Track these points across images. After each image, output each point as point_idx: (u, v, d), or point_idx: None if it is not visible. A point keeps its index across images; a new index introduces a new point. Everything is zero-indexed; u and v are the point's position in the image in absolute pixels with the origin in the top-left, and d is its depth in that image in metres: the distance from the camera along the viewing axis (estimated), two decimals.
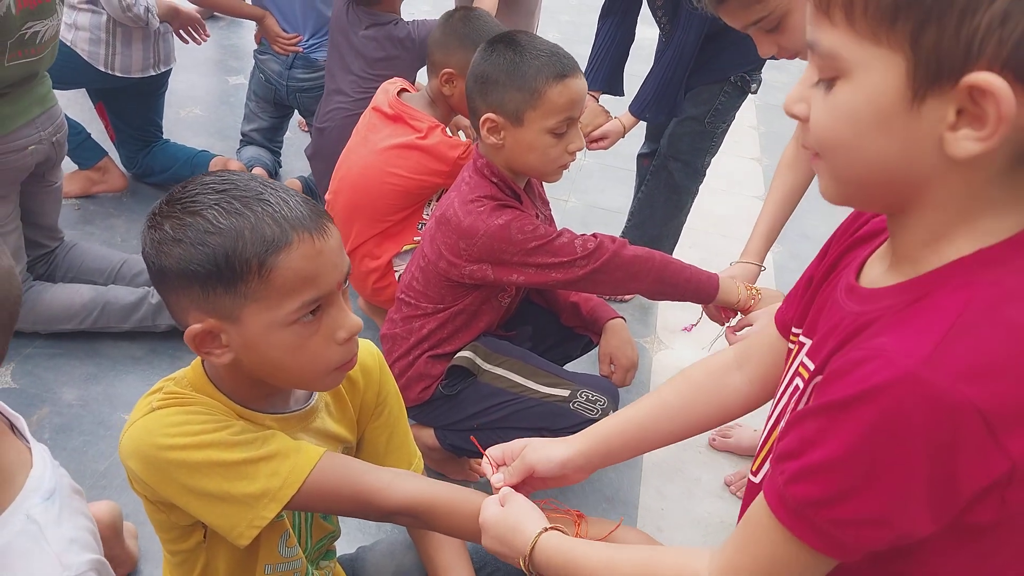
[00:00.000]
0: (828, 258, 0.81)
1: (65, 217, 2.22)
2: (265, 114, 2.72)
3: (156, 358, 1.97)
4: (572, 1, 5.21)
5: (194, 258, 0.81)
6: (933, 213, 0.61)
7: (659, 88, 2.06)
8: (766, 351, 0.93)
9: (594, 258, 1.46)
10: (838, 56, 0.58)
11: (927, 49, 0.54)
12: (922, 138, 0.57)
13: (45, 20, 1.72)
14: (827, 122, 0.61)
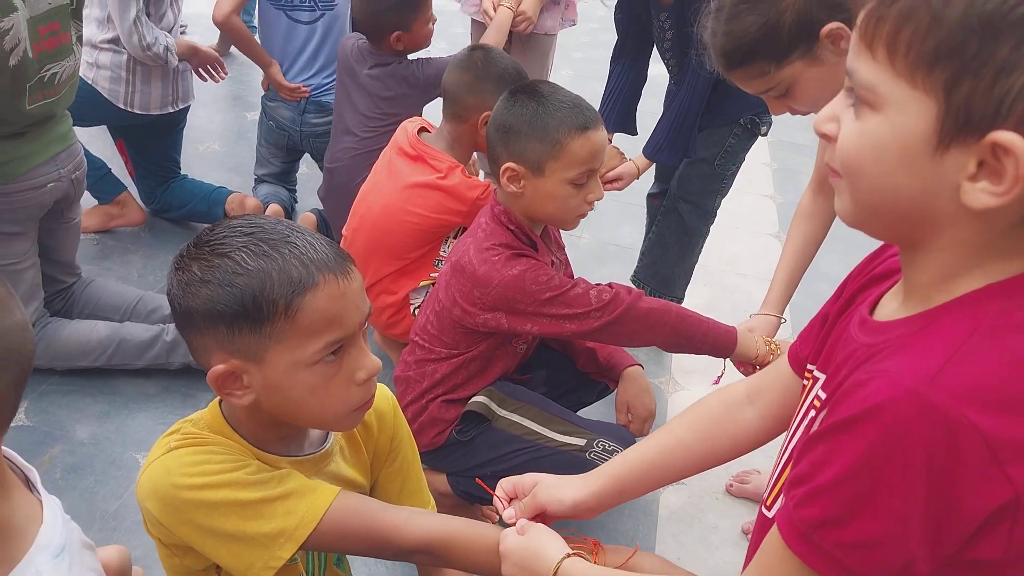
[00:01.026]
0: (844, 296, 0.82)
1: (83, 251, 2.24)
2: (276, 159, 2.74)
3: (169, 396, 1.97)
4: (584, 39, 5.26)
5: (222, 298, 0.83)
6: (944, 254, 0.62)
7: (672, 131, 2.07)
8: (779, 386, 0.93)
9: (609, 310, 1.45)
10: (874, 89, 0.60)
11: (959, 100, 0.55)
12: (941, 182, 0.58)
13: (62, 62, 1.75)
14: (853, 147, 0.62)
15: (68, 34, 1.76)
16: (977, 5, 0.54)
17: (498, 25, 2.59)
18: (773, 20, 1.21)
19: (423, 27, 2.27)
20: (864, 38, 0.60)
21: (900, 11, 0.57)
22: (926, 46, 0.56)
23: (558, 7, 2.78)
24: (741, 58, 1.26)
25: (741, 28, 1.23)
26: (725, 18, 1.26)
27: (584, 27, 3.40)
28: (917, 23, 0.56)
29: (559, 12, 2.79)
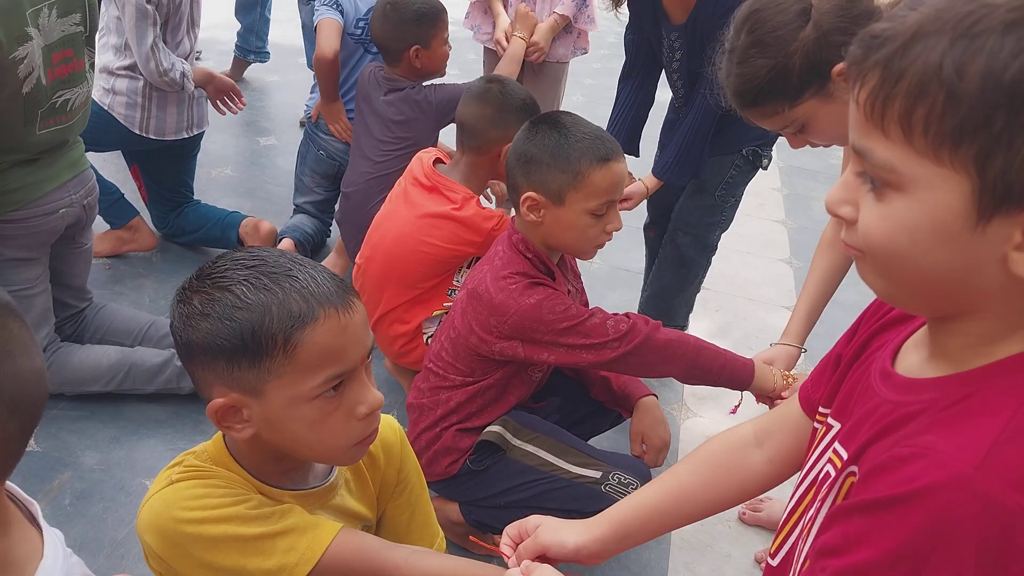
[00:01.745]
0: (858, 338, 0.79)
1: (95, 276, 2.24)
2: (320, 188, 2.72)
3: (179, 421, 1.96)
4: (596, 65, 5.29)
5: (221, 332, 0.82)
6: (986, 322, 0.59)
7: (681, 151, 2.06)
8: (788, 429, 0.91)
9: (626, 341, 1.44)
10: (895, 170, 0.56)
11: (994, 174, 0.52)
12: (985, 255, 0.55)
13: (75, 88, 1.76)
14: (883, 232, 0.58)
15: (82, 61, 1.78)
16: (994, 76, 0.50)
17: (512, 55, 2.61)
18: (782, 63, 1.22)
19: (440, 46, 2.29)
20: (872, 118, 0.56)
21: (909, 89, 0.53)
22: (946, 124, 0.52)
23: (570, 36, 2.80)
24: (753, 99, 1.27)
25: (752, 71, 1.25)
26: (737, 60, 1.27)
27: (595, 54, 3.42)
28: (932, 101, 0.52)
29: (571, 41, 2.81)
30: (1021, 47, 0.49)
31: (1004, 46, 0.50)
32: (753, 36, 1.25)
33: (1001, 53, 0.50)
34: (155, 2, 2.20)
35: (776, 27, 1.23)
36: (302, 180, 2.74)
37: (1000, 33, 0.50)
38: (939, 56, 0.52)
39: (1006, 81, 0.50)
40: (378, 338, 2.05)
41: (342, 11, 2.48)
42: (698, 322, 2.70)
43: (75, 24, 1.72)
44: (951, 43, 0.51)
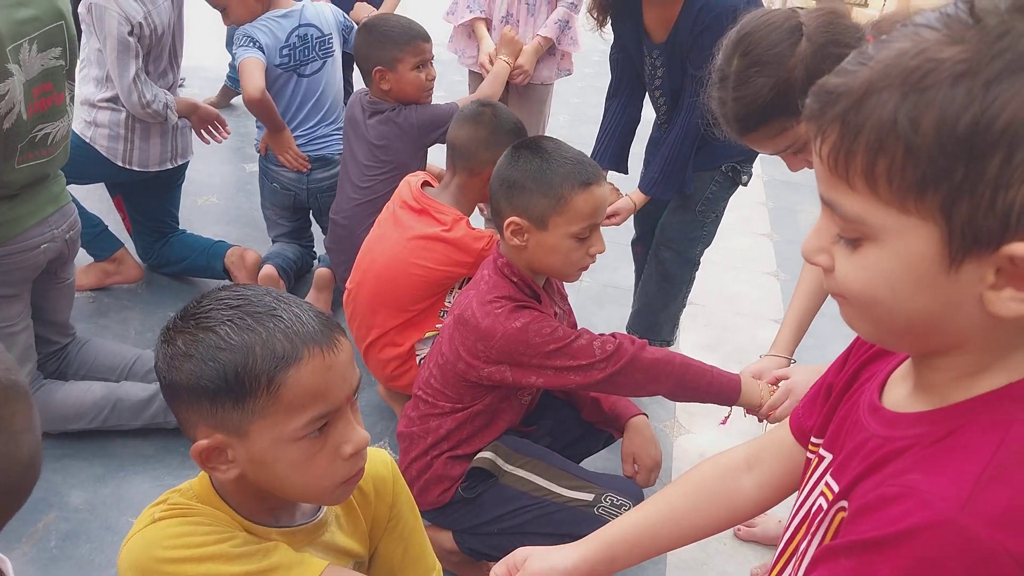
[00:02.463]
0: (848, 368, 0.79)
1: (79, 310, 2.22)
2: (284, 220, 2.70)
3: (167, 456, 1.93)
4: (580, 84, 5.32)
5: (204, 374, 0.82)
6: (967, 356, 0.59)
7: (666, 166, 2.08)
8: (779, 455, 0.91)
9: (613, 361, 1.44)
10: (864, 221, 0.56)
11: (961, 220, 0.52)
12: (962, 295, 0.55)
13: (56, 122, 1.75)
14: (860, 281, 0.59)
15: (62, 94, 1.76)
16: (948, 126, 0.50)
17: (495, 76, 2.62)
18: (784, 78, 1.22)
19: (408, 71, 2.25)
20: (836, 171, 0.57)
21: (869, 143, 0.54)
22: (908, 176, 0.53)
23: (554, 58, 2.81)
24: (758, 120, 1.26)
25: (753, 91, 1.24)
26: (734, 85, 1.26)
27: (580, 72, 3.44)
28: (892, 154, 0.53)
29: (555, 63, 2.83)
30: (970, 98, 0.50)
31: (954, 98, 0.50)
32: (749, 57, 1.25)
33: (952, 105, 0.50)
34: (137, 34, 2.18)
35: (772, 45, 1.23)
36: (266, 215, 2.74)
37: (949, 86, 0.50)
38: (893, 110, 0.52)
39: (960, 132, 0.50)
40: (371, 362, 2.03)
41: (261, 46, 2.46)
42: (687, 337, 2.70)
43: (55, 58, 1.71)
44: (903, 97, 0.52)
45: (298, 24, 2.50)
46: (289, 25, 2.49)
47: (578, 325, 1.78)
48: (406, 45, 2.25)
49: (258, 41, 2.46)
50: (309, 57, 2.53)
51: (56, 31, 1.68)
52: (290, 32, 2.49)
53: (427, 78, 2.30)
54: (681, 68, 1.99)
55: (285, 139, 2.54)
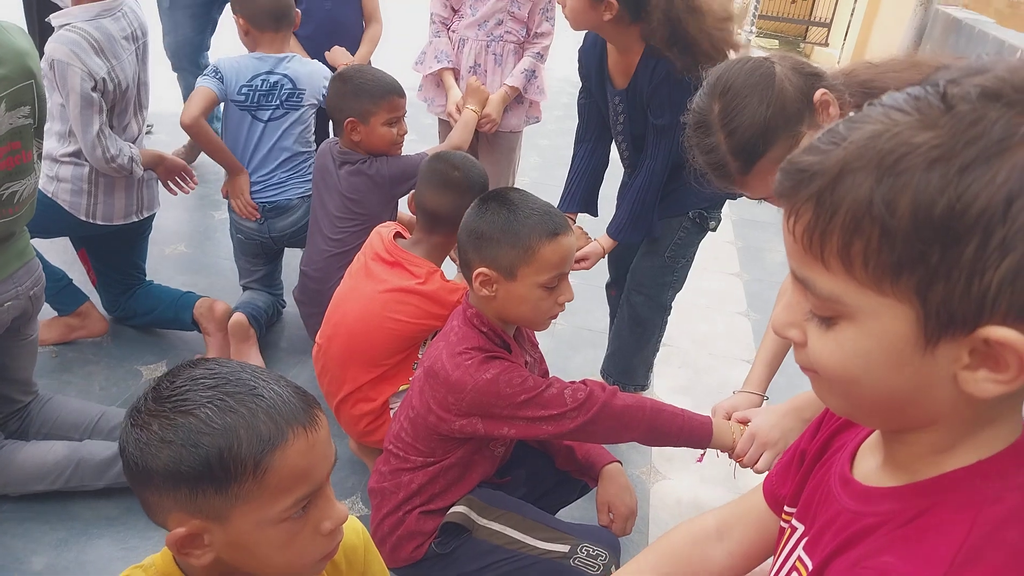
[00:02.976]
0: (821, 435, 0.79)
1: (41, 365, 2.17)
2: (257, 267, 2.67)
3: (132, 517, 1.87)
4: (550, 127, 5.39)
5: (185, 460, 0.78)
6: (938, 434, 0.60)
7: (633, 211, 2.11)
8: (751, 521, 0.91)
9: (584, 410, 1.44)
10: (839, 300, 0.57)
11: (937, 303, 0.53)
12: (936, 375, 0.55)
13: (23, 180, 1.73)
14: (835, 360, 0.59)
15: (30, 153, 1.75)
16: (923, 211, 0.51)
17: (464, 125, 2.64)
18: (776, 94, 1.23)
19: (380, 125, 2.26)
20: (811, 251, 0.57)
21: (844, 224, 0.54)
22: (884, 258, 0.53)
23: (522, 107, 2.85)
24: (764, 143, 1.24)
25: (749, 118, 1.24)
26: (723, 124, 1.26)
27: (550, 115, 3.48)
28: (867, 236, 0.53)
29: (523, 111, 2.86)
30: (945, 183, 0.50)
31: (930, 182, 0.51)
32: (732, 92, 1.25)
33: (927, 189, 0.51)
34: (100, 89, 2.17)
35: (749, 73, 1.25)
36: (239, 264, 2.71)
37: (924, 170, 0.51)
38: (868, 192, 0.53)
39: (936, 216, 0.51)
40: (343, 417, 2.00)
41: (222, 78, 2.46)
42: (661, 380, 2.70)
43: (24, 116, 1.70)
44: (878, 179, 0.52)
45: (270, 70, 2.49)
46: (260, 67, 2.48)
47: (551, 370, 1.78)
48: (381, 100, 2.25)
49: (220, 72, 2.46)
50: (269, 103, 2.50)
51: (25, 90, 1.67)
52: (257, 74, 2.47)
53: (399, 133, 2.31)
54: (642, 114, 2.03)
55: (239, 184, 2.53)
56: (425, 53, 2.87)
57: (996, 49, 4.76)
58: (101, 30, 2.15)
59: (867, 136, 0.54)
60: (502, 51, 2.76)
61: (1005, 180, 0.49)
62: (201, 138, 2.47)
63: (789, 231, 0.58)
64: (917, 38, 5.49)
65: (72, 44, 2.10)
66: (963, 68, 0.54)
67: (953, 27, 5.28)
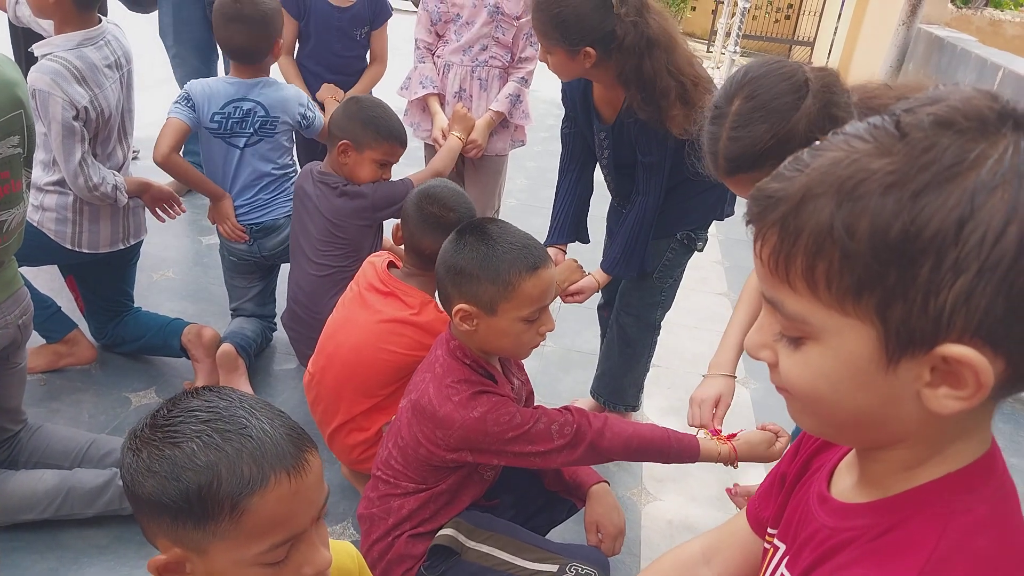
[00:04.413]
0: (800, 457, 0.81)
1: (29, 394, 2.16)
2: (252, 283, 2.66)
3: (122, 546, 1.87)
4: (536, 148, 5.43)
5: (167, 491, 0.81)
6: (908, 450, 0.61)
7: (627, 247, 2.14)
8: (736, 545, 0.93)
9: (571, 447, 1.46)
10: (806, 321, 0.59)
11: (896, 322, 0.54)
12: (900, 393, 0.57)
13: (11, 209, 1.74)
14: (803, 379, 0.61)
15: (19, 182, 1.76)
16: (880, 234, 0.53)
17: (448, 152, 2.67)
18: (787, 129, 1.23)
19: (369, 161, 2.26)
20: (777, 273, 0.59)
21: (807, 247, 0.56)
22: (845, 280, 0.55)
23: (507, 131, 2.88)
24: (751, 164, 1.27)
25: (752, 136, 1.25)
26: (732, 125, 1.28)
27: (535, 137, 3.52)
28: (829, 259, 0.55)
29: (508, 135, 2.89)
30: (900, 207, 0.52)
31: (885, 207, 0.53)
32: (754, 101, 1.26)
33: (883, 213, 0.53)
34: (82, 118, 2.17)
35: (779, 95, 1.25)
36: (230, 286, 2.70)
37: (880, 195, 0.53)
38: (829, 217, 0.55)
39: (892, 239, 0.53)
40: (336, 447, 2.00)
41: (194, 105, 2.47)
42: (650, 400, 2.71)
43: (13, 146, 1.71)
44: (838, 204, 0.55)
45: (243, 97, 2.48)
46: (233, 94, 2.47)
47: (540, 392, 1.80)
48: (383, 140, 2.27)
49: (191, 99, 2.46)
50: (243, 131, 2.50)
51: (15, 119, 1.68)
52: (230, 101, 2.47)
53: (383, 176, 2.32)
54: (628, 148, 2.06)
55: (223, 209, 2.53)
56: (410, 78, 2.91)
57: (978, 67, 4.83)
58: (83, 59, 2.17)
59: (828, 163, 0.56)
60: (487, 76, 2.80)
61: (956, 204, 0.51)
62: (176, 173, 2.46)
63: (757, 255, 0.61)
64: (900, 57, 5.55)
65: (53, 73, 2.11)
66: (920, 98, 0.57)
67: (936, 46, 5.35)
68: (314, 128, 2.63)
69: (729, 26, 9.19)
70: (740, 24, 8.12)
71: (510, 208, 4.23)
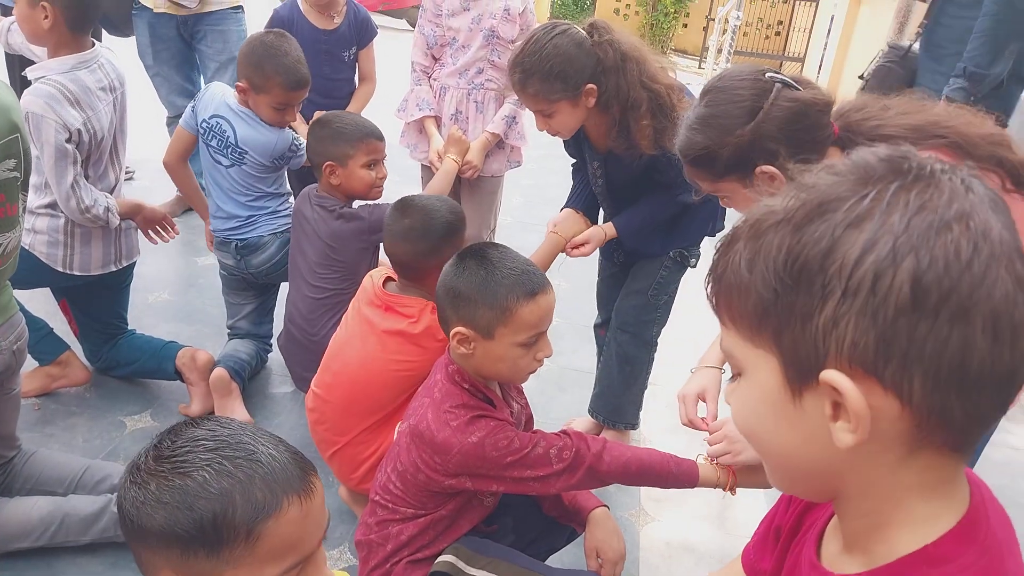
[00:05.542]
0: (792, 511, 0.81)
1: (24, 418, 2.15)
2: (246, 300, 2.66)
3: (117, 573, 1.85)
4: (532, 166, 5.43)
5: (180, 522, 0.80)
6: (861, 500, 0.62)
7: (645, 218, 2.13)
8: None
9: (569, 472, 1.46)
10: (733, 354, 0.63)
11: (788, 351, 0.58)
12: (815, 430, 0.59)
13: (8, 233, 1.73)
14: (739, 414, 0.65)
15: (15, 206, 1.75)
16: (767, 267, 0.57)
17: (444, 174, 2.68)
18: (715, 148, 1.33)
19: (358, 168, 2.28)
20: (716, 311, 0.65)
21: (724, 285, 0.62)
22: (748, 311, 0.60)
23: (503, 152, 2.89)
24: (688, 161, 1.42)
25: (691, 141, 1.37)
26: (686, 124, 1.39)
27: (531, 154, 3.51)
28: (736, 293, 0.60)
29: (504, 156, 2.91)
30: (782, 242, 0.57)
31: (772, 242, 0.57)
32: (704, 111, 1.37)
33: (771, 248, 0.57)
34: (75, 141, 2.17)
35: (722, 114, 1.34)
36: (227, 302, 2.70)
37: (773, 232, 0.58)
38: (739, 256, 0.61)
39: (774, 269, 0.57)
40: (341, 466, 1.99)
41: (195, 106, 2.50)
42: (648, 419, 2.71)
43: (10, 170, 1.70)
44: (745, 244, 0.60)
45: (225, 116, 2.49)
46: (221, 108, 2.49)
47: (537, 412, 1.79)
48: (358, 142, 2.27)
49: (196, 101, 2.54)
50: (221, 149, 2.50)
51: (11, 143, 1.68)
52: (216, 114, 2.49)
53: (378, 176, 2.33)
54: (622, 173, 2.07)
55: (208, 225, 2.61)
56: (407, 101, 2.92)
57: None
58: (76, 82, 2.17)
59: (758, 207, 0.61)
60: (483, 99, 2.81)
61: (822, 236, 0.55)
62: (177, 180, 2.64)
63: (706, 296, 0.66)
64: None
65: (46, 96, 2.11)
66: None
67: None
68: (292, 165, 2.62)
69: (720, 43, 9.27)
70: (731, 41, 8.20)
71: (506, 226, 4.23)
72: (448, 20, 2.76)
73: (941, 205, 0.54)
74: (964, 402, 0.54)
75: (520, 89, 1.92)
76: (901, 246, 0.53)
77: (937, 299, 0.52)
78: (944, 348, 0.52)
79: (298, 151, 2.57)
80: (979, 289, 0.52)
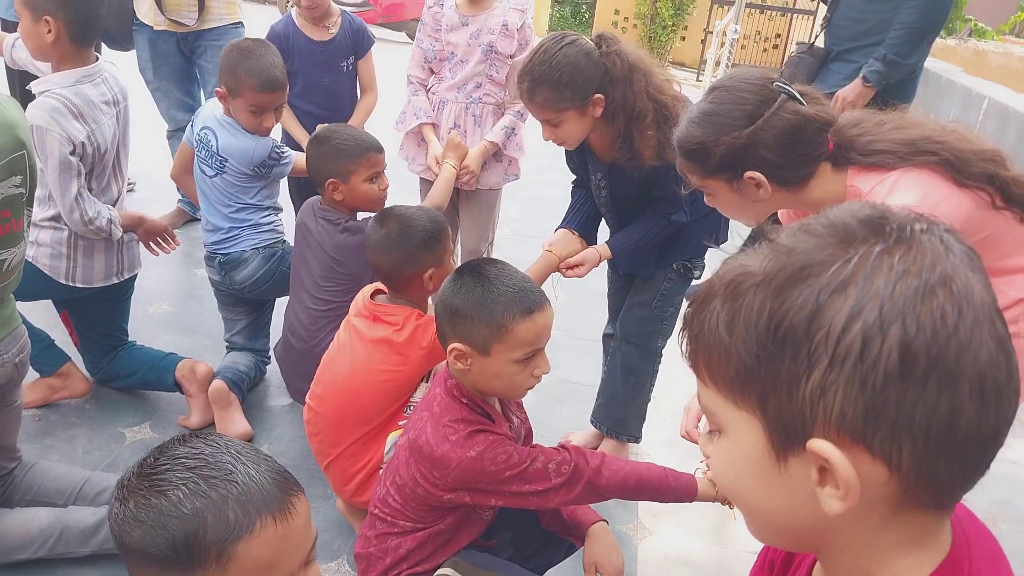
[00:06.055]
0: None
1: (24, 429, 2.15)
2: (239, 316, 2.67)
3: None
4: (529, 177, 5.45)
5: (153, 541, 0.81)
6: (846, 556, 0.61)
7: (640, 240, 2.14)
8: None
9: (568, 487, 1.46)
10: (713, 413, 0.62)
11: (773, 416, 0.57)
12: (798, 492, 0.58)
13: (12, 248, 1.74)
14: (718, 470, 0.64)
15: (20, 221, 1.76)
16: (745, 332, 0.56)
17: (443, 182, 2.69)
18: (710, 144, 1.37)
19: (360, 183, 2.29)
20: (694, 369, 0.63)
21: (704, 346, 0.60)
22: (729, 374, 0.58)
23: (501, 164, 2.91)
24: (683, 152, 1.46)
25: (689, 133, 1.43)
26: (688, 117, 1.43)
27: (528, 166, 3.53)
28: (716, 354, 0.59)
29: (503, 169, 2.92)
30: (763, 306, 0.56)
31: (753, 305, 0.56)
32: (707, 107, 1.40)
33: (752, 311, 0.56)
34: (79, 154, 2.19)
35: (723, 113, 1.37)
36: (223, 316, 2.71)
37: (752, 294, 0.57)
38: (716, 316, 0.59)
39: (758, 335, 0.56)
40: (335, 477, 2.00)
41: (192, 121, 2.57)
42: (647, 433, 2.71)
43: (16, 186, 1.72)
44: (722, 304, 0.59)
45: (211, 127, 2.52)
46: (211, 120, 2.53)
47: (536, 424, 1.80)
48: (359, 157, 2.29)
49: (195, 116, 2.61)
50: (207, 159, 2.53)
51: (18, 160, 1.70)
52: (205, 126, 2.53)
53: (380, 188, 2.35)
54: (626, 185, 2.09)
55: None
56: (405, 112, 2.94)
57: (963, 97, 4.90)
58: (80, 95, 2.19)
59: (729, 268, 0.61)
60: (481, 112, 2.83)
61: (806, 301, 0.54)
62: (186, 191, 2.78)
63: (682, 354, 0.65)
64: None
65: (51, 110, 2.13)
66: None
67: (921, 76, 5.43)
68: (275, 174, 2.59)
69: (718, 55, 9.32)
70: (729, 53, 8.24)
71: (503, 237, 4.25)
72: (447, 35, 2.78)
73: (925, 268, 0.53)
74: (951, 465, 0.54)
75: (528, 98, 1.93)
76: (888, 313, 0.52)
77: (926, 366, 0.51)
78: (933, 414, 0.52)
79: (281, 159, 2.55)
80: (965, 354, 0.52)
